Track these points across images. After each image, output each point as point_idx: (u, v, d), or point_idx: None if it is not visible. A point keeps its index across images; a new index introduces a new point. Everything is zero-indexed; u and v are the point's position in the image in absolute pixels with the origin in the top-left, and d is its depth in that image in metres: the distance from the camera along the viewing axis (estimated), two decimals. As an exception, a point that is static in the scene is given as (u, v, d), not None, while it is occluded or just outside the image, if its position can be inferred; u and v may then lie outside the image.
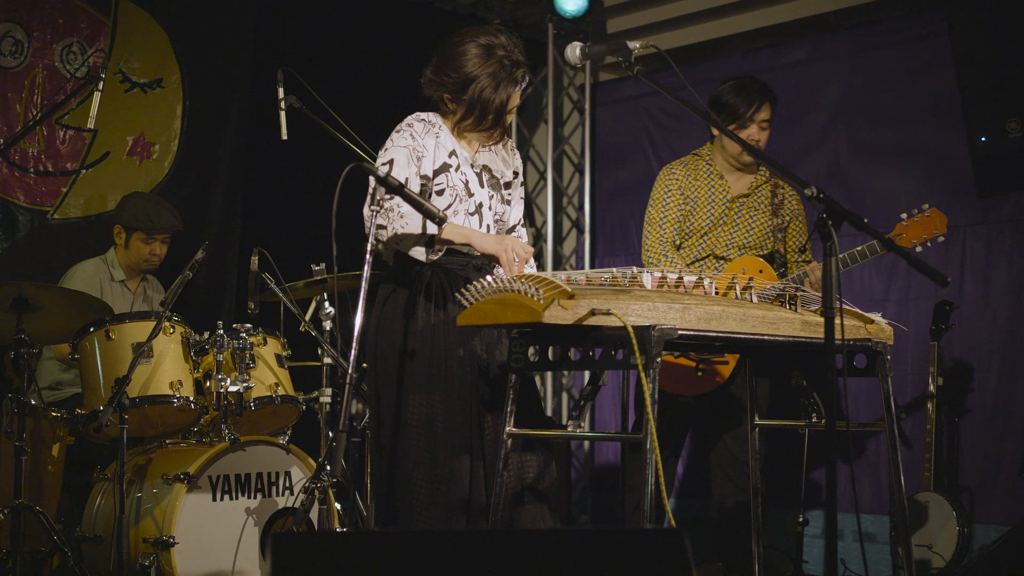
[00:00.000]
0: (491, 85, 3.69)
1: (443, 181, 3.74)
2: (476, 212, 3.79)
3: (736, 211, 4.99)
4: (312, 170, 6.38)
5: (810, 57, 6.66)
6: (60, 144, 5.85)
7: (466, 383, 3.66)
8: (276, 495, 4.55)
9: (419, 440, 3.61)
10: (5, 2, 5.67)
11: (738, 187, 5.04)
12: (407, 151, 3.70)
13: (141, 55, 6.08)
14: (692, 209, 4.99)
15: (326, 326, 5.06)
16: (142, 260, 5.47)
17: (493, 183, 3.87)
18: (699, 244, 4.97)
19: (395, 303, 3.71)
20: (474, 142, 3.87)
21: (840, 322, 3.10)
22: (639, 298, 3.30)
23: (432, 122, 3.82)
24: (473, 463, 3.62)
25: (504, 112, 3.76)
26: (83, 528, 4.55)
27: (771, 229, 4.99)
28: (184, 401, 4.50)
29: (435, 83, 3.80)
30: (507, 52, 3.71)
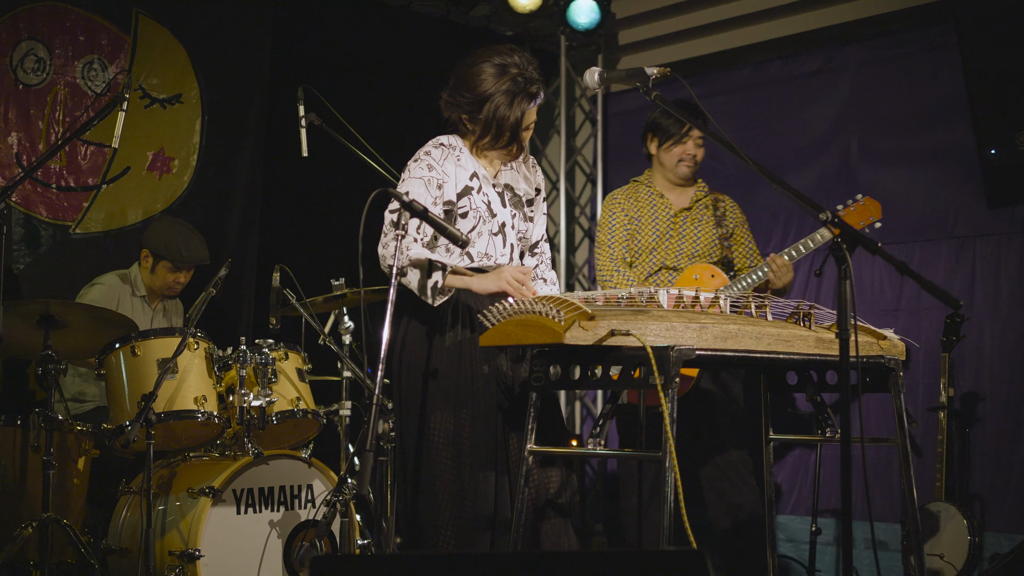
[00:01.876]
0: (506, 102, 3.76)
1: (466, 204, 3.81)
2: (500, 232, 3.87)
3: (681, 224, 5.21)
4: (329, 185, 6.47)
5: (821, 68, 6.72)
6: (81, 160, 5.94)
7: (491, 400, 3.74)
8: (298, 508, 4.63)
9: (444, 456, 3.69)
10: (28, 20, 5.76)
11: (680, 202, 5.27)
12: (422, 182, 3.77)
13: (160, 71, 6.17)
14: (637, 228, 5.23)
15: (346, 340, 5.13)
16: (166, 287, 5.55)
17: (515, 202, 3.95)
18: (650, 259, 5.19)
19: (420, 322, 3.78)
20: (495, 161, 3.94)
21: (855, 339, 3.18)
22: (657, 318, 3.37)
23: (452, 145, 3.88)
24: (498, 478, 3.70)
25: (520, 128, 3.82)
26: (109, 540, 4.63)
27: (718, 238, 5.20)
28: (208, 416, 4.58)
29: (452, 104, 3.87)
30: (520, 70, 3.78)
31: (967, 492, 5.79)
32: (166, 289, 5.56)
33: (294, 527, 4.59)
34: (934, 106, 6.22)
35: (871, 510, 3.28)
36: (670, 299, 3.59)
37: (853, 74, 6.57)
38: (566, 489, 3.77)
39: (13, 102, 5.72)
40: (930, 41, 6.26)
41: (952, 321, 5.62)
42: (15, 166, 5.69)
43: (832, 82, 6.67)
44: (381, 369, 3.31)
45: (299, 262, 5.22)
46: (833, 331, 3.66)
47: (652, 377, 3.20)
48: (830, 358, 3.62)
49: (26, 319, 4.56)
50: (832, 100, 6.65)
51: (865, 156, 6.46)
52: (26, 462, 4.59)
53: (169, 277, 5.52)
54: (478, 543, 3.64)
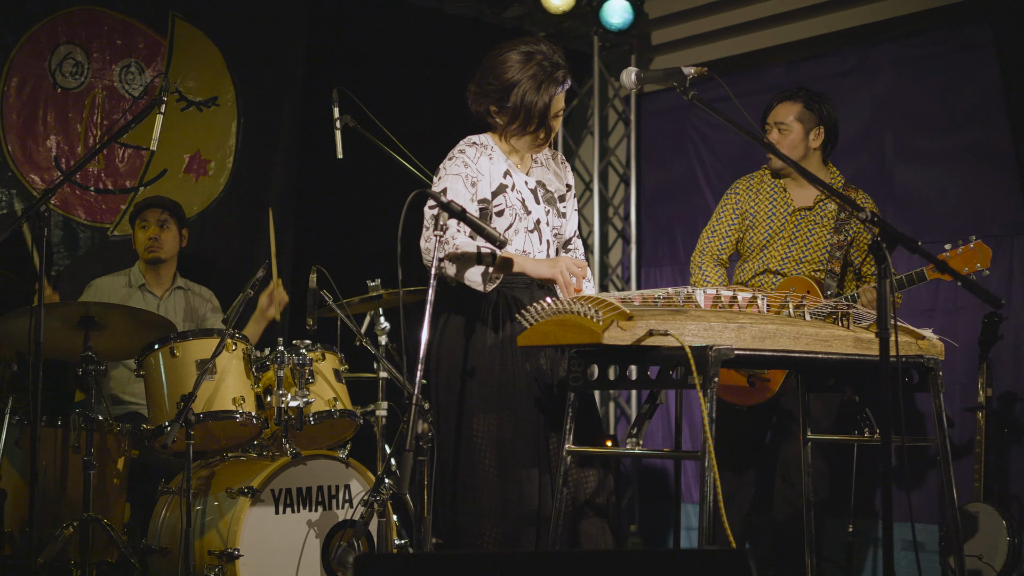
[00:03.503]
0: (532, 88, 3.78)
1: (501, 202, 3.83)
2: (535, 229, 3.88)
3: (795, 224, 5.04)
4: (363, 186, 6.50)
5: (854, 67, 6.70)
6: (119, 162, 5.99)
7: (532, 399, 3.75)
8: (336, 508, 4.65)
9: (487, 457, 3.70)
10: (66, 24, 5.82)
11: (801, 199, 5.08)
12: (460, 178, 3.79)
13: (197, 74, 6.22)
14: (752, 224, 5.08)
15: (381, 340, 5.15)
16: (144, 250, 5.53)
17: (548, 198, 3.96)
18: (759, 259, 5.05)
19: (459, 322, 3.80)
20: (526, 158, 3.96)
21: (895, 339, 3.17)
22: (695, 318, 3.37)
23: (484, 144, 3.90)
24: (541, 476, 3.71)
25: (548, 114, 3.83)
26: (149, 540, 4.66)
27: (829, 246, 5.01)
28: (246, 416, 4.60)
29: (479, 95, 3.89)
30: (546, 56, 3.80)
31: (1006, 493, 5.76)
32: (146, 253, 5.52)
33: (332, 527, 4.60)
34: (969, 104, 6.19)
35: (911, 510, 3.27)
36: (707, 299, 3.59)
37: (887, 73, 6.55)
38: (603, 489, 3.78)
39: (52, 105, 5.78)
40: (964, 39, 6.23)
41: (990, 321, 5.59)
42: (54, 169, 5.75)
43: (866, 81, 6.64)
44: (420, 369, 3.32)
45: (334, 263, 5.24)
46: (872, 331, 3.65)
47: (690, 377, 3.20)
48: (869, 358, 3.61)
49: (66, 321, 4.61)
50: (866, 99, 6.62)
51: (900, 155, 6.43)
52: (67, 462, 4.64)
53: (141, 236, 5.54)
54: (522, 542, 3.65)
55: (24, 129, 5.70)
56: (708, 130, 7.32)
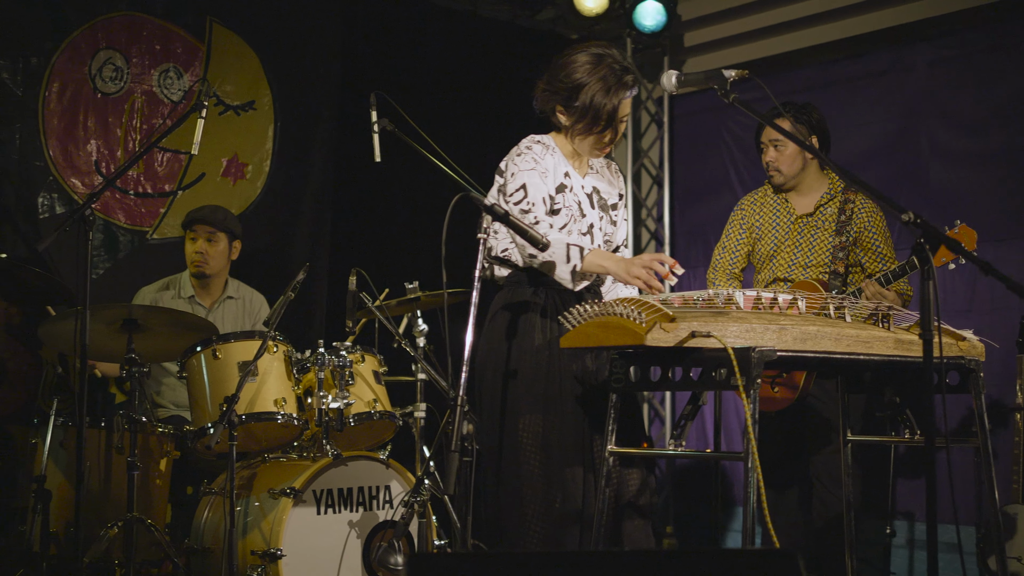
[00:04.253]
0: (602, 90, 3.81)
1: (560, 201, 3.87)
2: (588, 232, 3.92)
3: (799, 232, 5.15)
4: (399, 189, 6.54)
5: (889, 68, 6.69)
6: (158, 166, 6.05)
7: (578, 399, 3.77)
8: (376, 509, 4.69)
9: (532, 456, 3.73)
10: (105, 30, 5.89)
11: (802, 207, 5.20)
12: (536, 172, 3.83)
13: (234, 78, 6.27)
14: (759, 237, 5.22)
15: (420, 342, 5.18)
16: (191, 263, 5.56)
17: (602, 204, 4.00)
18: (769, 268, 5.18)
19: (506, 323, 3.83)
20: (584, 163, 4.00)
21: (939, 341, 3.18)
22: (737, 319, 3.39)
23: (547, 144, 3.94)
24: (585, 476, 3.74)
25: (615, 118, 3.86)
26: (191, 540, 4.71)
27: (832, 247, 5.10)
28: (287, 418, 4.65)
29: (547, 93, 3.92)
30: (616, 60, 3.85)
31: (1045, 494, 5.74)
32: (193, 267, 5.56)
33: (373, 527, 4.64)
34: (1005, 104, 6.17)
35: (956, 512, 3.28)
36: (748, 300, 3.61)
37: (922, 73, 6.53)
38: (646, 490, 3.80)
39: (92, 110, 5.85)
40: (998, 39, 6.21)
41: (1029, 320, 5.57)
42: (94, 173, 5.82)
43: (900, 81, 6.63)
44: (465, 370, 3.35)
45: (371, 265, 5.27)
46: (913, 332, 3.66)
47: (733, 378, 3.22)
48: (910, 359, 3.62)
49: (109, 323, 4.66)
50: (900, 99, 6.61)
51: (935, 155, 6.42)
52: (110, 463, 4.69)
53: (189, 249, 5.57)
54: (566, 542, 3.67)
55: (65, 134, 5.77)
56: (741, 132, 7.32)
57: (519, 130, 4.07)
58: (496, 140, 6.80)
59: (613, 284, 4.01)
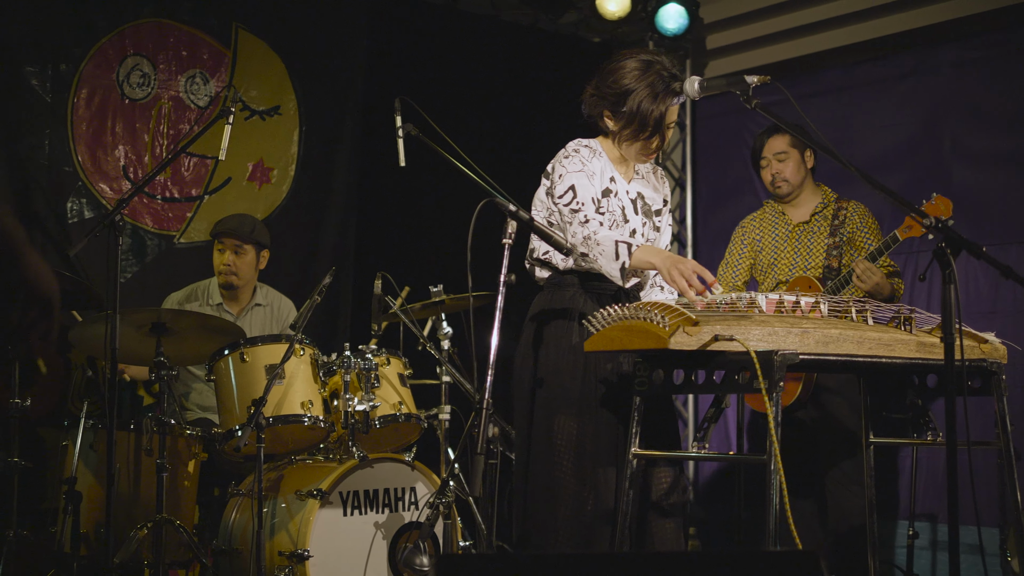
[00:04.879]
0: (649, 96, 3.83)
1: (605, 205, 3.90)
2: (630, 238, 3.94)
3: (796, 238, 5.36)
4: (424, 193, 6.59)
5: (912, 70, 6.69)
6: (185, 171, 6.12)
7: (612, 400, 3.81)
8: (402, 510, 4.74)
9: (565, 457, 3.76)
10: (133, 37, 5.96)
11: (798, 216, 5.42)
12: (583, 174, 3.86)
13: (259, 84, 6.33)
14: (759, 249, 5.46)
15: (444, 345, 5.23)
16: (219, 274, 5.60)
17: (646, 210, 4.02)
18: (771, 276, 5.38)
19: (543, 325, 3.87)
20: (630, 169, 4.02)
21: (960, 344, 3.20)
22: (759, 323, 3.42)
23: (594, 148, 3.98)
24: (619, 477, 3.77)
25: (662, 124, 3.89)
26: (219, 541, 4.77)
27: (826, 246, 5.28)
28: (314, 420, 4.70)
29: (596, 98, 3.95)
30: (664, 67, 3.87)
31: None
32: (220, 277, 5.60)
33: (398, 528, 4.69)
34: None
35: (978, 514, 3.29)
36: (770, 304, 3.64)
37: (945, 75, 6.54)
38: (675, 491, 3.83)
39: (120, 116, 5.92)
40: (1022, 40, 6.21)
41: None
42: (123, 178, 5.89)
43: (924, 84, 6.63)
44: (490, 374, 3.39)
45: (396, 269, 5.33)
46: (935, 335, 3.68)
47: (756, 381, 3.25)
48: (932, 362, 3.64)
49: (138, 327, 4.72)
50: (924, 101, 6.61)
51: (958, 157, 6.42)
52: (139, 465, 4.74)
53: (217, 260, 5.60)
54: (598, 542, 3.70)
55: (93, 140, 5.84)
56: (764, 134, 7.33)
57: (542, 133, 4.10)
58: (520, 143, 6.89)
59: (651, 288, 4.04)
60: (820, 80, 7.05)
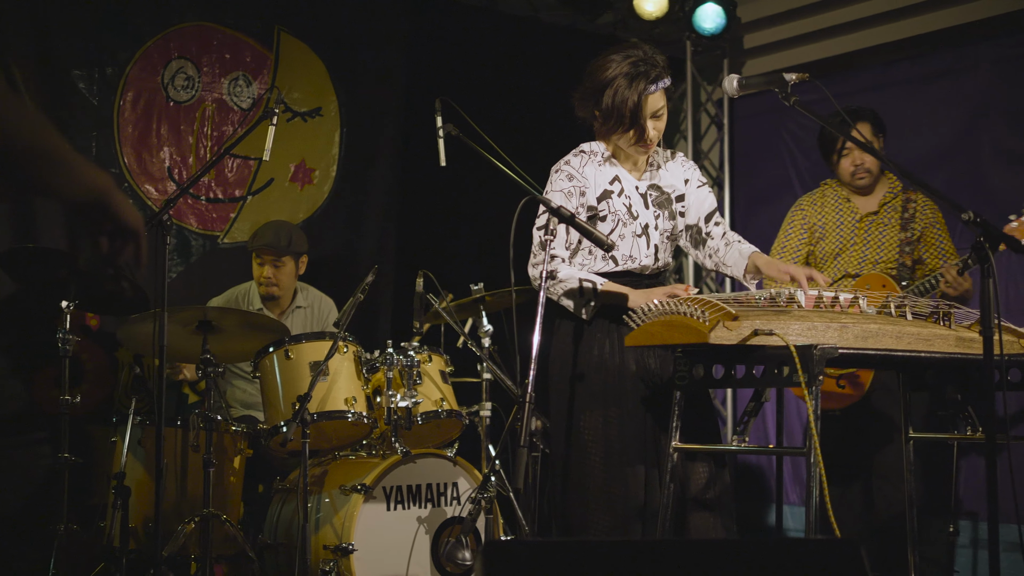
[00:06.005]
0: (625, 84, 3.84)
1: (605, 208, 3.93)
2: (643, 234, 3.97)
3: (865, 230, 5.23)
4: (464, 193, 6.64)
5: (950, 68, 6.68)
6: (228, 172, 6.20)
7: (639, 397, 3.85)
8: (444, 505, 4.80)
9: (595, 455, 3.82)
10: (177, 40, 6.05)
11: (866, 206, 5.28)
12: (563, 194, 3.92)
13: (301, 85, 6.41)
14: (821, 236, 5.29)
15: (485, 343, 5.29)
16: (259, 285, 5.70)
17: (661, 201, 4.04)
18: (833, 266, 5.26)
19: (570, 324, 3.92)
20: (640, 163, 4.05)
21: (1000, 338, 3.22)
22: (798, 318, 3.45)
23: (593, 151, 4.01)
24: (648, 472, 3.81)
25: (640, 112, 3.85)
26: (265, 535, 4.84)
27: (899, 242, 5.17)
28: (357, 416, 4.77)
29: (582, 99, 4.00)
30: (643, 57, 3.87)
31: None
32: (261, 288, 5.68)
33: (441, 523, 4.75)
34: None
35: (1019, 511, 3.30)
36: (809, 300, 3.67)
37: (983, 73, 6.52)
38: (714, 484, 3.86)
39: (165, 118, 6.01)
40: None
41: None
42: (167, 180, 5.98)
43: (962, 82, 6.62)
44: (533, 368, 3.44)
45: (436, 267, 5.38)
46: (974, 330, 3.69)
47: (796, 376, 3.28)
48: (971, 357, 3.65)
49: (185, 325, 4.80)
50: (962, 100, 6.60)
51: (997, 157, 6.41)
52: (186, 461, 4.83)
53: (257, 272, 5.68)
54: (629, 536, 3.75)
55: (139, 142, 5.93)
56: (802, 133, 7.35)
57: (580, 133, 4.14)
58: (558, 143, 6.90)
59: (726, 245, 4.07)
60: (857, 79, 7.05)
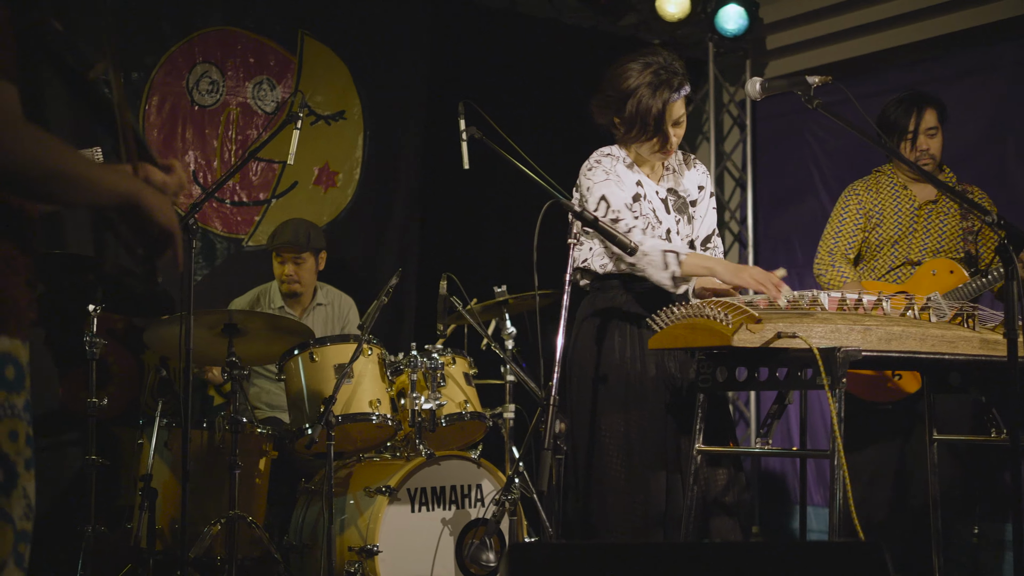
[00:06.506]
0: (648, 93, 3.85)
1: (636, 210, 3.94)
2: (667, 239, 3.98)
3: (925, 218, 5.12)
4: (487, 195, 6.67)
5: (973, 68, 6.66)
6: (253, 176, 6.24)
7: (660, 401, 3.86)
8: (468, 507, 4.82)
9: (614, 458, 3.83)
10: (202, 45, 6.10)
11: (924, 195, 5.17)
12: (610, 182, 3.91)
13: (325, 89, 6.45)
14: (878, 222, 5.15)
15: (508, 345, 5.30)
16: (281, 284, 5.74)
17: (679, 206, 4.05)
18: (891, 253, 5.14)
19: (590, 327, 3.93)
20: (657, 167, 4.06)
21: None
22: (822, 320, 3.46)
23: (615, 155, 4.02)
24: (669, 477, 3.82)
25: (664, 120, 3.88)
26: (290, 537, 4.87)
27: (962, 230, 5.09)
28: (382, 418, 4.79)
29: (601, 106, 4.00)
30: (664, 64, 3.88)
31: None
32: (283, 287, 5.73)
33: (465, 525, 4.77)
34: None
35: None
36: (832, 302, 3.67)
37: (1008, 73, 6.50)
38: (733, 487, 3.87)
39: (190, 122, 6.05)
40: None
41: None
42: (192, 183, 6.02)
43: (986, 82, 6.60)
44: (557, 370, 3.46)
45: (460, 270, 5.40)
46: (998, 332, 3.69)
47: (819, 378, 3.29)
48: (995, 359, 3.65)
49: (211, 328, 4.83)
50: (986, 100, 6.58)
51: (1022, 157, 6.38)
52: (212, 463, 4.86)
53: (279, 270, 5.73)
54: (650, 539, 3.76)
55: (164, 146, 5.98)
56: (825, 134, 7.34)
57: (602, 135, 4.14)
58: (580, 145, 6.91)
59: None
60: (881, 80, 7.03)
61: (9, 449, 2.03)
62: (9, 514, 2.02)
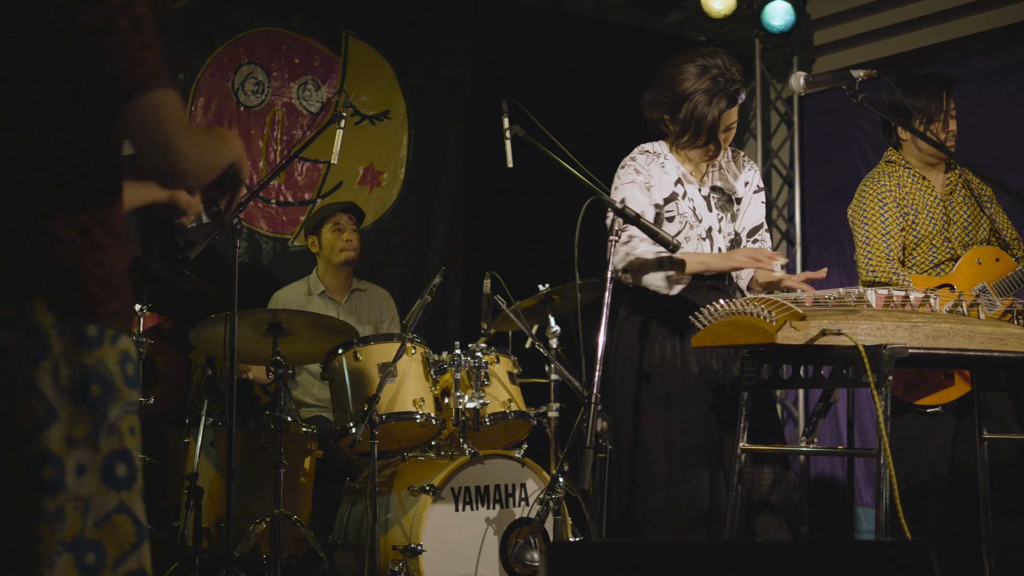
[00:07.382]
0: (704, 101, 3.83)
1: (672, 209, 3.92)
2: (707, 237, 3.96)
3: (951, 209, 4.87)
4: (531, 194, 6.65)
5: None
6: (298, 176, 6.27)
7: (702, 400, 3.83)
8: (512, 506, 4.80)
9: (658, 458, 3.80)
10: (247, 46, 6.13)
11: (939, 183, 4.92)
12: (635, 186, 3.90)
13: (369, 89, 6.47)
14: (914, 217, 4.85)
15: (552, 343, 5.29)
16: (338, 252, 5.78)
17: (723, 204, 4.02)
18: (929, 251, 4.85)
19: (632, 326, 3.91)
20: (700, 165, 4.03)
21: (1073, 339, 3.16)
22: (867, 317, 3.41)
23: (656, 152, 3.99)
24: (712, 476, 3.79)
25: (717, 128, 3.87)
26: (335, 535, 4.89)
27: (988, 218, 4.92)
28: (426, 417, 4.79)
29: (654, 104, 3.98)
30: (722, 71, 3.84)
31: None
32: (340, 255, 5.77)
33: (509, 524, 4.76)
34: None
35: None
36: (879, 299, 3.62)
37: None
38: (779, 486, 3.84)
39: (235, 123, 6.08)
40: None
41: None
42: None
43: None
44: (599, 369, 3.44)
45: (503, 268, 5.38)
46: (1048, 329, 3.63)
47: (865, 376, 3.25)
48: (1047, 356, 3.59)
49: (256, 327, 4.85)
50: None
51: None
52: (257, 462, 4.87)
53: (336, 240, 5.77)
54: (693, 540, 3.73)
55: (210, 147, 6.00)
56: (874, 130, 7.24)
57: (646, 133, 4.12)
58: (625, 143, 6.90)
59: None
60: (931, 74, 6.94)
61: (131, 444, 2.12)
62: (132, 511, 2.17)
